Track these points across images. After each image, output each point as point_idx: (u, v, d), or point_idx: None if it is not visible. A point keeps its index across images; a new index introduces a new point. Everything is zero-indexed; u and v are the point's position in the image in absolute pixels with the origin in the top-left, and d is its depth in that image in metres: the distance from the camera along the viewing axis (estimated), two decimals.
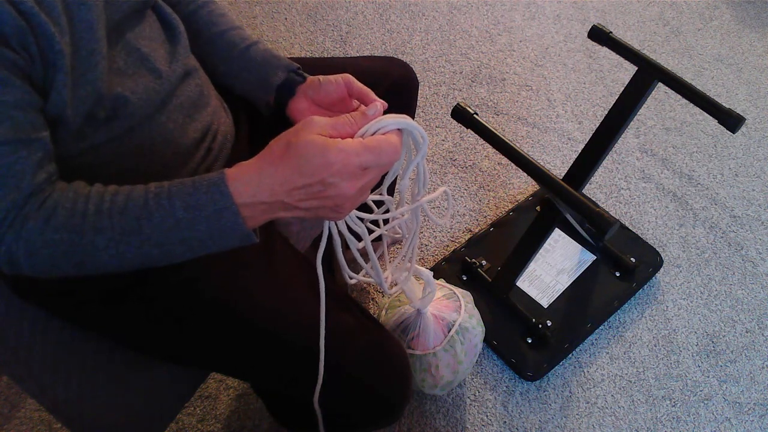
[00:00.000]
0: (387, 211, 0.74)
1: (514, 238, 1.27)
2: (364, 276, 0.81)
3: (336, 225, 0.68)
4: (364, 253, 0.76)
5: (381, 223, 0.76)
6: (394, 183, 0.69)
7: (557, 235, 1.44)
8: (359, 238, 0.71)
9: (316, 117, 0.56)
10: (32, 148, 0.56)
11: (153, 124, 0.68)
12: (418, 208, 0.74)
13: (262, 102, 0.82)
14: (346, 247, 0.73)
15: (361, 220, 0.70)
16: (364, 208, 0.71)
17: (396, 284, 0.85)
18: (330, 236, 0.70)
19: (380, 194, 0.72)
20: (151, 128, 0.68)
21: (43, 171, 0.57)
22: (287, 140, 0.55)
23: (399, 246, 1.40)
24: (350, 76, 0.73)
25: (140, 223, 0.55)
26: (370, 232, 0.74)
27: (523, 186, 1.59)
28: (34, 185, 0.56)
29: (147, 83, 0.67)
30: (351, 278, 0.79)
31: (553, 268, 1.39)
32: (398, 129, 0.59)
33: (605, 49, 1.23)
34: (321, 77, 0.77)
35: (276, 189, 0.55)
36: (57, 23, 0.56)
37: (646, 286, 1.40)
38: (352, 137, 0.57)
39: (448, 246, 1.46)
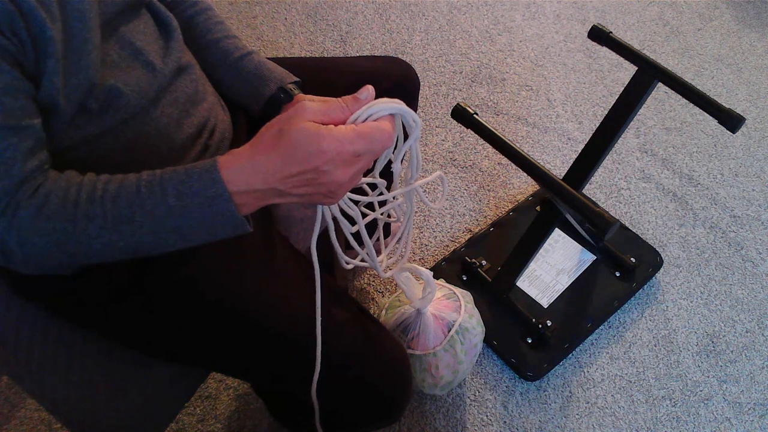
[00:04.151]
0: (381, 194, 0.74)
1: (514, 238, 1.27)
2: (359, 261, 0.81)
3: (329, 209, 0.68)
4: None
5: (376, 205, 0.76)
6: (387, 166, 0.69)
7: (557, 235, 1.44)
8: (353, 222, 0.71)
9: (308, 103, 0.55)
10: (23, 135, 0.56)
11: (147, 117, 0.68)
12: (411, 192, 0.74)
13: (253, 111, 0.83)
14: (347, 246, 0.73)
15: (355, 203, 0.70)
16: (358, 191, 0.71)
17: (391, 269, 0.85)
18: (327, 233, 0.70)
19: (372, 177, 0.72)
20: (146, 122, 0.68)
21: (35, 158, 0.57)
22: (279, 127, 0.54)
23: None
24: (333, 100, 0.73)
25: (132, 211, 0.55)
26: (364, 216, 0.74)
27: (523, 186, 1.59)
28: (25, 172, 0.56)
29: (140, 76, 0.67)
30: (347, 263, 0.78)
31: (553, 268, 1.39)
32: (390, 114, 0.59)
33: (605, 49, 1.23)
34: (308, 98, 0.77)
35: (269, 177, 0.55)
36: (48, 10, 0.56)
37: (646, 286, 1.40)
38: (344, 123, 0.57)
39: (448, 246, 1.46)
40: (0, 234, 0.55)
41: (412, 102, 1.03)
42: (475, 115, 1.02)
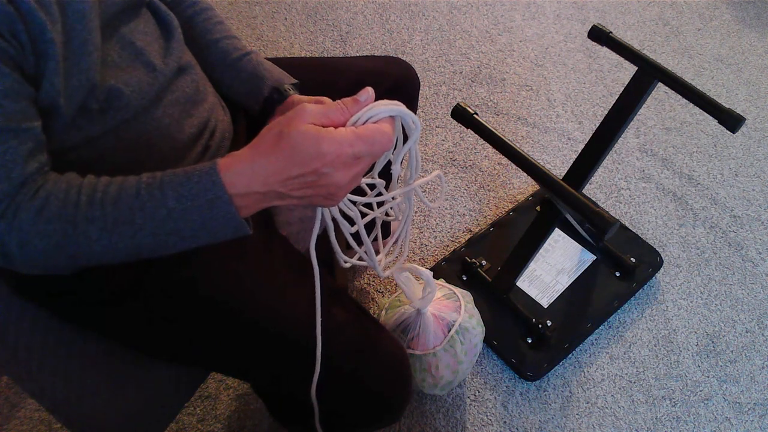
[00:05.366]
0: (380, 194, 0.74)
1: (514, 238, 1.27)
2: (357, 260, 0.81)
3: (329, 210, 0.68)
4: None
5: (374, 206, 0.76)
6: (386, 166, 0.69)
7: (557, 235, 1.44)
8: (352, 223, 0.71)
9: (308, 105, 0.55)
10: (22, 138, 0.56)
11: (148, 118, 0.68)
12: (410, 192, 0.74)
13: (253, 111, 0.83)
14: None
15: (354, 203, 0.70)
16: (357, 191, 0.71)
17: (389, 268, 0.85)
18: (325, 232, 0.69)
19: (372, 178, 0.72)
20: (147, 122, 0.68)
21: (35, 161, 0.57)
22: (279, 130, 0.54)
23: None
24: (325, 99, 0.72)
25: (132, 213, 0.55)
26: (363, 216, 0.74)
27: (523, 186, 1.59)
28: (25, 175, 0.56)
29: (141, 76, 0.67)
30: (345, 262, 0.78)
31: (553, 268, 1.39)
32: (390, 116, 0.59)
33: (605, 49, 1.23)
34: (297, 98, 0.77)
35: (269, 179, 0.55)
36: (48, 12, 0.56)
37: (646, 286, 1.40)
38: (343, 125, 0.57)
39: (448, 246, 1.46)
40: (0, 236, 0.55)
41: (412, 102, 1.03)
42: (475, 115, 1.02)
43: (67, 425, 0.77)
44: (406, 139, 0.65)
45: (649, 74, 1.04)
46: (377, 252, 0.84)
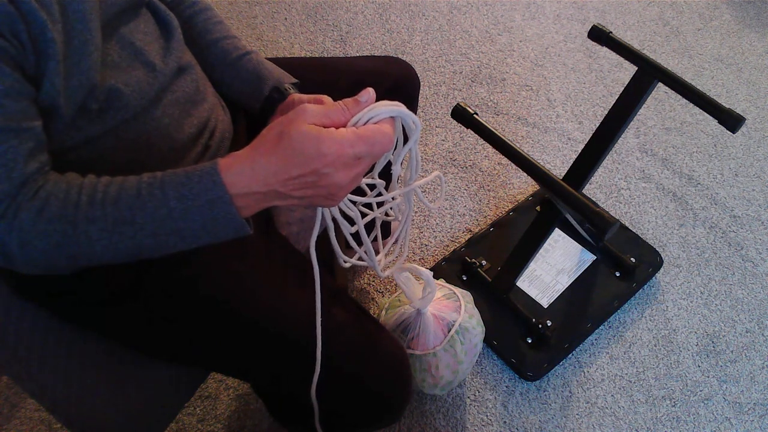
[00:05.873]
0: (380, 194, 0.74)
1: (514, 238, 1.27)
2: (357, 260, 0.81)
3: (329, 210, 0.68)
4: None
5: (374, 206, 0.76)
6: (386, 167, 0.69)
7: (557, 235, 1.44)
8: (352, 223, 0.71)
9: (309, 105, 0.55)
10: (23, 137, 0.56)
11: (148, 117, 0.68)
12: (410, 192, 0.74)
13: (254, 110, 0.83)
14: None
15: (354, 203, 0.70)
16: (357, 191, 0.71)
17: (389, 268, 0.85)
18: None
19: (372, 178, 0.72)
20: (146, 122, 0.68)
21: (35, 160, 0.57)
22: (280, 130, 0.54)
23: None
24: (325, 97, 0.72)
25: (133, 213, 0.55)
26: (363, 215, 0.74)
27: (523, 186, 1.59)
28: (25, 175, 0.56)
29: (140, 76, 0.67)
30: (345, 262, 0.78)
31: (553, 268, 1.39)
32: (391, 117, 0.59)
33: (605, 49, 1.23)
34: (297, 97, 0.78)
35: (269, 179, 0.55)
36: (49, 11, 0.56)
37: (646, 286, 1.40)
38: (344, 125, 0.57)
39: (448, 246, 1.46)
40: (0, 236, 0.55)
41: (412, 102, 1.03)
42: (475, 115, 1.02)
43: (67, 425, 0.77)
44: (406, 139, 0.65)
45: (649, 74, 1.04)
46: (377, 252, 0.84)
